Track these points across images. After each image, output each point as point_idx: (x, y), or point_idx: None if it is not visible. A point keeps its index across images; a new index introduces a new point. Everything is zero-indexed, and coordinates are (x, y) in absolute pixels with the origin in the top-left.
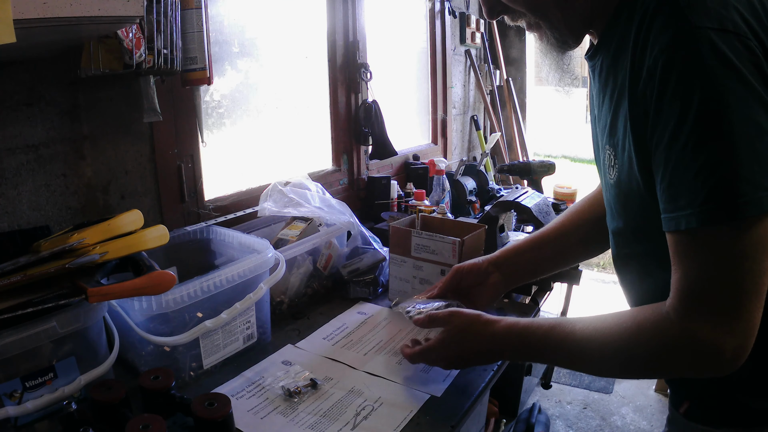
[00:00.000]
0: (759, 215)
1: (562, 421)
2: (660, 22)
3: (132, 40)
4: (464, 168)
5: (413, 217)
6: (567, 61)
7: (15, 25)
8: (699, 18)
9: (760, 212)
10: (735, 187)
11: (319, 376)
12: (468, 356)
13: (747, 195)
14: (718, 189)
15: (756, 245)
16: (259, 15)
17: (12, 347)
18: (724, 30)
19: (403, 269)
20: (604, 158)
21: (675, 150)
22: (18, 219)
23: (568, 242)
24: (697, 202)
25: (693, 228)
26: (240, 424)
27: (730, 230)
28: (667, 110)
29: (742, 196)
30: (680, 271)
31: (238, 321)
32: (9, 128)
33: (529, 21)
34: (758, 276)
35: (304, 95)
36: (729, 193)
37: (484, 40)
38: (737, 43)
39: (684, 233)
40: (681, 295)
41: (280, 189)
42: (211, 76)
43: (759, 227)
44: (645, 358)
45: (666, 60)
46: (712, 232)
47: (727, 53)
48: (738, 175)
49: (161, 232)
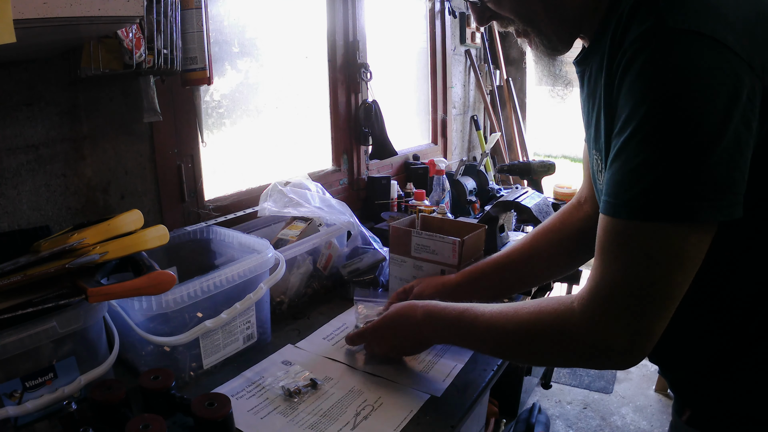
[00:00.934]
0: (686, 224)
1: (562, 421)
2: (637, 19)
3: (132, 40)
4: (464, 168)
5: (413, 217)
6: (559, 66)
7: (15, 25)
8: (674, 18)
9: (689, 221)
10: (669, 191)
11: (319, 376)
12: (402, 343)
13: (679, 201)
14: (652, 188)
15: (675, 256)
16: (259, 15)
17: (12, 347)
18: (698, 33)
19: (403, 269)
20: (593, 164)
21: (622, 139)
22: (18, 219)
23: (534, 265)
24: (630, 194)
25: (621, 218)
26: (240, 424)
27: (652, 231)
28: (623, 100)
29: (674, 201)
30: (598, 260)
31: (238, 321)
32: (9, 128)
33: (518, 28)
34: (667, 287)
35: (304, 95)
36: (661, 195)
37: (484, 40)
38: (709, 49)
39: (611, 220)
40: (589, 286)
41: (280, 189)
42: (211, 76)
43: (682, 239)
44: (545, 343)
45: (632, 53)
46: (636, 227)
47: (693, 58)
48: (675, 181)
49: (161, 232)
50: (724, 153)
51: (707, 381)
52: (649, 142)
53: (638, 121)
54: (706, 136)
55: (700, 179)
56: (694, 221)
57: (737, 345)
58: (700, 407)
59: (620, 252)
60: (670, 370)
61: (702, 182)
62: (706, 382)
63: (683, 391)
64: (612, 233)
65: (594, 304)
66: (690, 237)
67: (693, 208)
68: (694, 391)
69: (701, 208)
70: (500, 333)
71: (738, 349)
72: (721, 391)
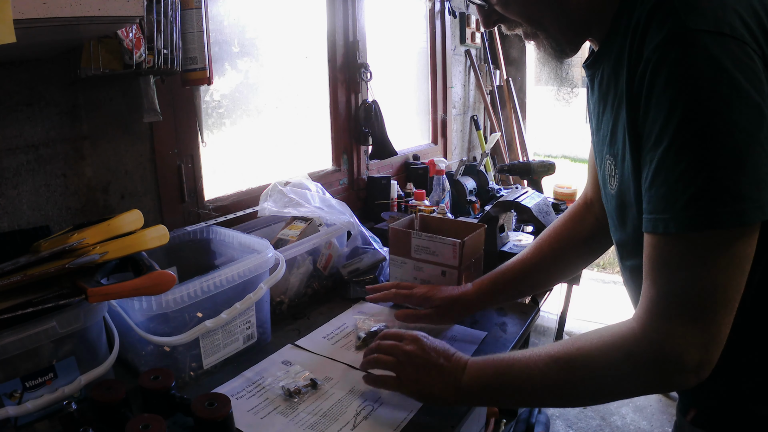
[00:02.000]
0: (737, 227)
1: (562, 421)
2: (655, 23)
3: (132, 40)
4: (464, 168)
5: (412, 217)
6: (566, 69)
7: (15, 25)
8: (694, 20)
9: (739, 224)
10: (716, 196)
11: (319, 376)
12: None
13: (728, 205)
14: (698, 196)
15: (731, 259)
16: (259, 15)
17: (12, 347)
18: (719, 33)
19: (403, 270)
20: (605, 168)
21: (659, 151)
22: (18, 219)
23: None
24: (677, 207)
25: (671, 233)
26: (240, 424)
27: (706, 240)
28: (654, 111)
29: (723, 206)
30: (650, 278)
31: (238, 321)
32: (9, 128)
33: (526, 30)
34: (729, 291)
35: (304, 95)
36: (709, 201)
37: (484, 40)
38: (733, 47)
39: (661, 237)
40: (648, 305)
41: (280, 189)
42: (211, 76)
43: (736, 241)
44: (611, 374)
45: (657, 60)
46: (688, 239)
47: (720, 57)
48: (721, 184)
49: (161, 232)
50: (761, 149)
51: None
52: (689, 148)
53: (674, 130)
54: (744, 134)
55: (745, 179)
56: (742, 223)
57: (742, 343)
58: (705, 407)
59: (676, 266)
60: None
61: (746, 182)
62: (711, 382)
63: (688, 390)
64: (664, 250)
65: (657, 319)
66: (742, 238)
67: (743, 211)
68: (699, 391)
69: (748, 209)
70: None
71: (743, 347)
72: (726, 390)
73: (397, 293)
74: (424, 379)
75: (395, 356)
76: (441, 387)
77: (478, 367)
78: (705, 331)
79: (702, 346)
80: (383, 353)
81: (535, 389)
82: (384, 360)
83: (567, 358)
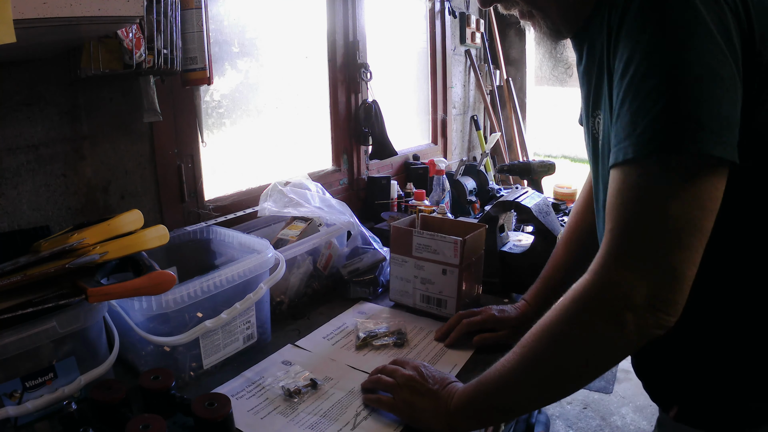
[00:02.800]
0: (693, 155)
1: (562, 421)
2: None
3: (132, 40)
4: (464, 168)
5: (413, 217)
6: (560, 50)
7: (15, 25)
8: None
9: (697, 151)
10: (675, 121)
11: (319, 376)
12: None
13: (686, 131)
14: (657, 121)
15: (688, 192)
16: (259, 15)
17: (12, 347)
18: None
19: (404, 269)
20: (591, 133)
21: (624, 82)
22: (18, 219)
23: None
24: (636, 132)
25: (629, 160)
26: (240, 424)
27: (663, 167)
28: (623, 44)
29: (682, 131)
30: (608, 221)
31: (238, 321)
32: (9, 128)
33: (522, 9)
34: (686, 226)
35: (304, 95)
36: (668, 125)
37: (484, 40)
38: None
39: (621, 168)
40: (602, 249)
41: (280, 189)
42: (211, 76)
43: (695, 174)
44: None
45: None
46: (645, 167)
47: None
48: (681, 110)
49: (161, 232)
50: (723, 89)
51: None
52: (652, 76)
53: (639, 59)
54: (707, 69)
55: (705, 110)
56: (701, 151)
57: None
58: (688, 403)
59: (632, 200)
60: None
61: (707, 114)
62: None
63: (669, 386)
64: (623, 183)
65: (608, 260)
66: (701, 173)
67: (701, 139)
68: (681, 386)
69: (707, 138)
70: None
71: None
72: (712, 386)
73: (469, 322)
74: (417, 404)
75: (394, 378)
76: (432, 413)
77: (464, 389)
78: (656, 265)
79: (652, 280)
80: (386, 374)
81: (515, 383)
82: (384, 381)
83: (530, 336)
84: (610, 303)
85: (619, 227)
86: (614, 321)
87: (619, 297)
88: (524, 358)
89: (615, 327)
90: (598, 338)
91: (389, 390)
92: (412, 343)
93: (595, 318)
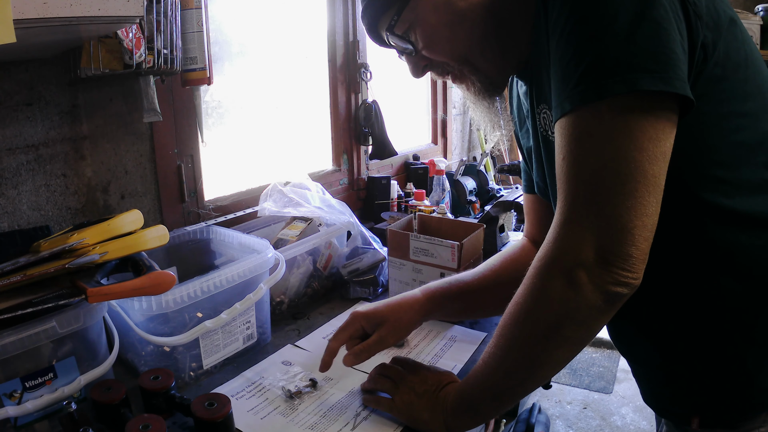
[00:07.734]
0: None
1: (562, 421)
2: None
3: (132, 40)
4: (464, 168)
5: (410, 217)
6: (501, 102)
7: (15, 25)
8: None
9: (631, 92)
10: (606, 67)
11: (319, 377)
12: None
13: (618, 75)
14: (589, 70)
15: (629, 135)
16: (260, 15)
17: (12, 347)
18: None
19: (402, 272)
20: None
21: (554, 43)
22: (18, 219)
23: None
24: (570, 86)
25: (566, 113)
26: (240, 424)
27: (599, 115)
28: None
29: (613, 75)
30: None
31: (238, 321)
32: (9, 128)
33: (454, 72)
34: (630, 171)
35: (304, 95)
36: (600, 72)
37: None
38: None
39: (560, 123)
40: (557, 210)
41: (280, 189)
42: (211, 76)
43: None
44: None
45: None
46: (583, 117)
47: None
48: (610, 56)
49: (161, 232)
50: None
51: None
52: (579, 30)
53: (566, 17)
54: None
55: (637, 51)
56: (632, 89)
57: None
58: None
59: (576, 156)
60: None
61: (639, 54)
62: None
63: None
64: (560, 137)
65: (555, 221)
66: (643, 116)
67: (634, 80)
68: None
69: (642, 78)
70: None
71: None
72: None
73: (338, 342)
74: (416, 404)
75: (394, 379)
76: (430, 414)
77: (458, 385)
78: (598, 216)
79: (597, 233)
80: (385, 375)
81: (500, 366)
82: (383, 382)
83: (504, 315)
84: (561, 262)
85: (564, 186)
86: (568, 281)
87: (568, 254)
88: (501, 338)
89: (570, 287)
90: (559, 302)
91: (388, 391)
92: (412, 343)
93: (550, 282)
